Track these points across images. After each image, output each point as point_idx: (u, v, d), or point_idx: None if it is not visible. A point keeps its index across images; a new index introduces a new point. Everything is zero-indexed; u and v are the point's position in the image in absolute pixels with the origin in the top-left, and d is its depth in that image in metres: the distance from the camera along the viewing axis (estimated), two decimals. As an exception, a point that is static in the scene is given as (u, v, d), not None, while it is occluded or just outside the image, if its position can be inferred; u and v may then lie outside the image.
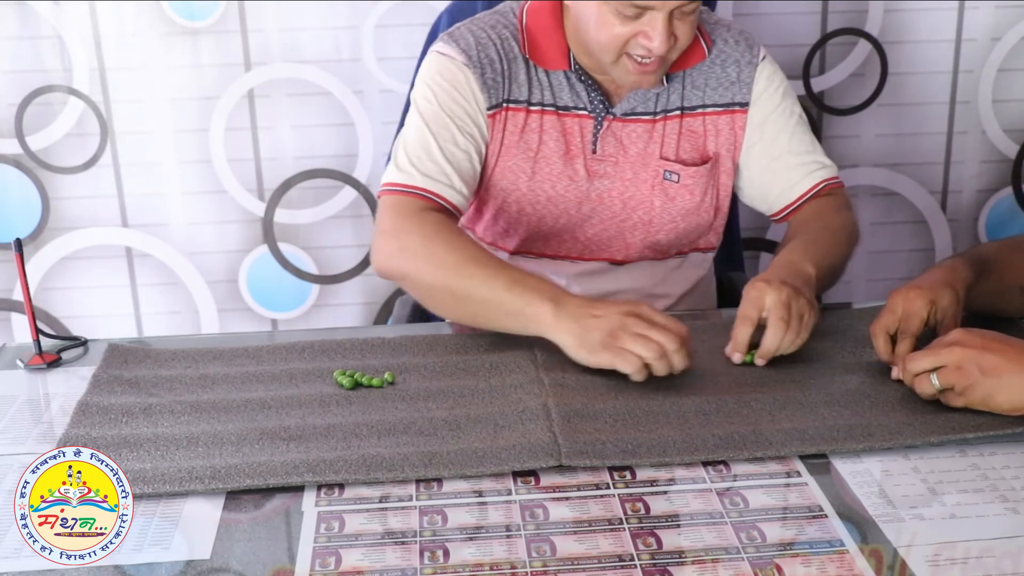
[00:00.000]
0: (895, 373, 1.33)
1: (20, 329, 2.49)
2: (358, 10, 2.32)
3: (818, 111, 2.44)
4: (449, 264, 1.45)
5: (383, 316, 2.52)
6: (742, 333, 1.38)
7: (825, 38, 2.40)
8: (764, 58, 1.66)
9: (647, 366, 1.32)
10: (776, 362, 1.38)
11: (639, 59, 1.51)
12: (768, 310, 1.37)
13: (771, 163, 1.67)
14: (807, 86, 2.42)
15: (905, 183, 2.50)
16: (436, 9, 2.03)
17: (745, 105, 1.65)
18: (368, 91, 2.37)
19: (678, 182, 1.64)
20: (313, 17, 2.32)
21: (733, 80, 1.65)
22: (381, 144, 2.37)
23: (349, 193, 2.44)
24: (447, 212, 1.56)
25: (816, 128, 2.45)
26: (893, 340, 1.35)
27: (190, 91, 2.35)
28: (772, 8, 2.37)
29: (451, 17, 1.86)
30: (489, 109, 1.61)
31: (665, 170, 1.64)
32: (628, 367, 1.32)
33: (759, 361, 1.37)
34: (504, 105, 1.61)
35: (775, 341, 1.36)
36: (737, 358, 1.38)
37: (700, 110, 1.65)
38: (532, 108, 1.62)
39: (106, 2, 2.28)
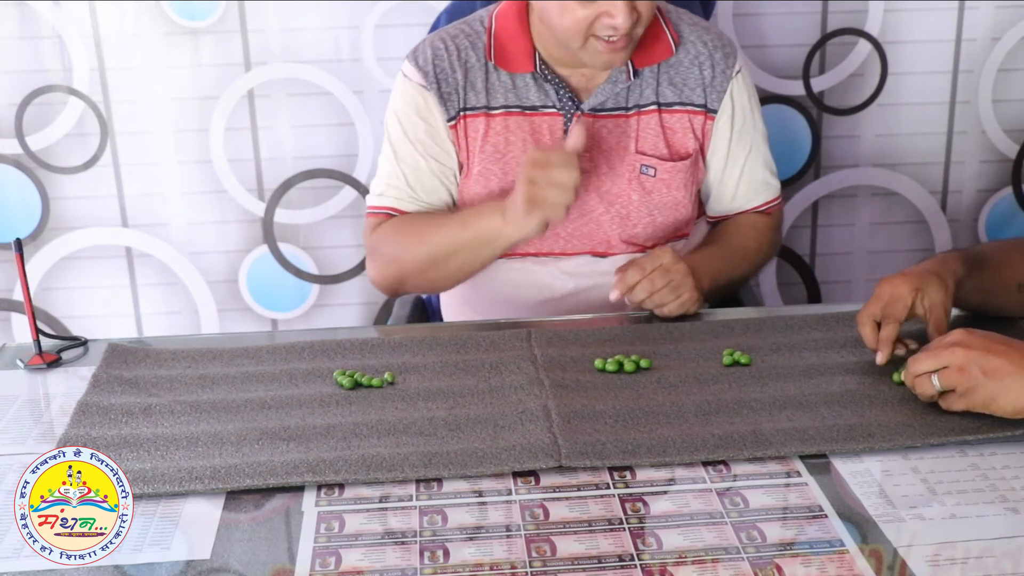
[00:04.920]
0: (879, 359, 1.34)
1: (20, 329, 2.49)
2: (358, 10, 2.32)
3: (818, 111, 2.44)
4: (415, 244, 1.63)
5: (383, 316, 2.52)
6: (631, 276, 1.53)
7: (825, 38, 2.40)
8: (739, 72, 1.68)
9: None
10: (776, 362, 1.38)
11: (607, 38, 1.53)
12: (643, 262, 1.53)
13: (724, 175, 1.72)
14: (807, 86, 2.42)
15: (905, 183, 2.50)
16: (436, 9, 2.03)
17: (713, 112, 1.67)
18: (368, 91, 2.37)
19: (655, 176, 1.66)
20: (313, 17, 2.32)
21: (708, 83, 1.66)
22: (381, 144, 2.36)
23: (349, 193, 2.43)
24: None
25: (816, 128, 2.45)
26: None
27: (190, 91, 2.35)
28: (772, 8, 2.37)
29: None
30: (449, 121, 1.65)
31: (642, 164, 1.65)
32: (553, 216, 1.51)
33: (614, 295, 1.54)
34: (461, 114, 1.64)
35: (644, 293, 1.53)
36: (615, 296, 1.54)
37: (679, 107, 1.66)
38: (493, 112, 1.64)
39: (106, 2, 2.28)
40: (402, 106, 1.67)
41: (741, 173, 1.72)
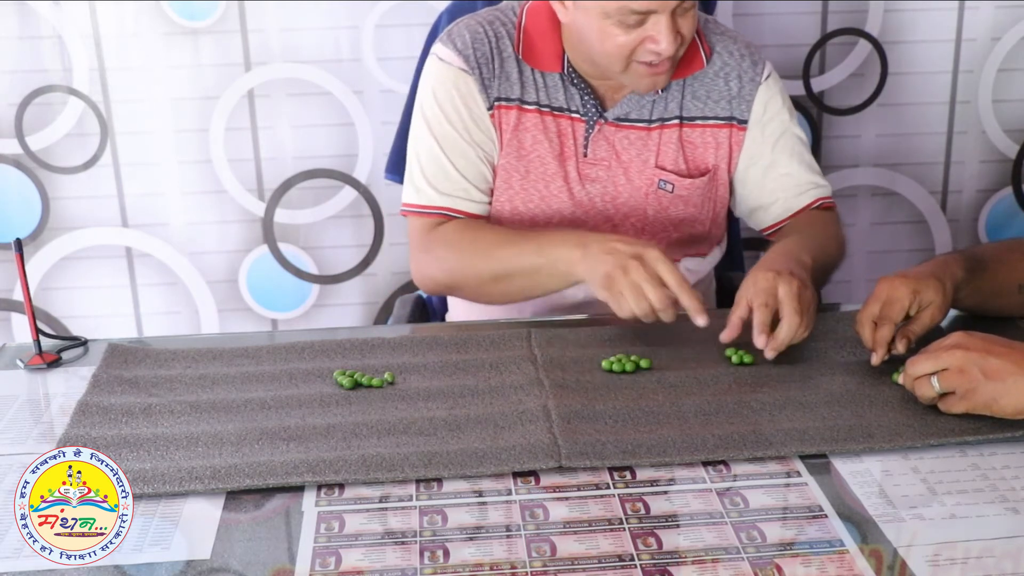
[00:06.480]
0: (874, 360, 1.34)
1: (20, 329, 2.49)
2: (358, 10, 2.32)
3: (818, 111, 2.44)
4: (481, 255, 1.55)
5: (383, 316, 2.52)
6: (764, 318, 1.36)
7: (825, 38, 2.40)
8: (768, 77, 1.65)
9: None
10: (776, 362, 1.38)
11: (649, 62, 1.51)
12: (781, 301, 1.37)
13: (768, 183, 1.67)
14: (807, 86, 2.42)
15: (905, 183, 2.50)
16: (436, 9, 2.03)
17: (744, 122, 1.65)
18: (368, 91, 2.37)
19: (672, 192, 1.64)
20: (313, 17, 2.32)
21: (734, 94, 1.64)
22: (381, 144, 2.37)
23: (349, 193, 2.44)
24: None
25: (816, 128, 2.45)
26: None
27: (190, 91, 2.35)
28: (772, 8, 2.37)
29: (451, 17, 1.86)
30: (488, 109, 1.62)
31: (660, 179, 1.64)
32: (618, 312, 1.41)
33: (770, 354, 1.36)
34: (496, 103, 1.62)
35: (790, 332, 1.36)
36: (761, 341, 1.35)
37: (700, 121, 1.64)
38: (525, 107, 1.62)
39: (106, 2, 2.28)
40: (442, 92, 1.62)
41: (782, 176, 1.66)
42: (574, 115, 1.63)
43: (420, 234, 1.64)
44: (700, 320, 1.38)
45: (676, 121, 1.64)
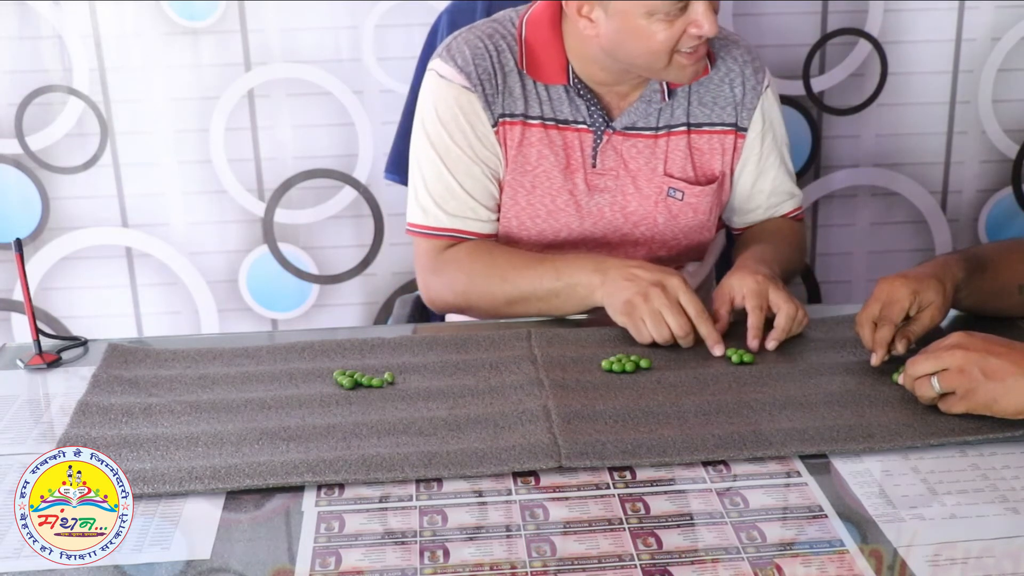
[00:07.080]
0: (874, 360, 1.35)
1: (20, 329, 2.49)
2: (358, 10, 2.32)
3: (818, 111, 2.44)
4: (496, 279, 1.56)
5: (383, 316, 2.52)
6: (758, 321, 1.41)
7: (825, 38, 2.40)
8: (768, 87, 1.67)
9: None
10: (776, 362, 1.38)
11: (689, 50, 1.52)
12: (774, 302, 1.42)
13: (755, 191, 1.71)
14: (807, 86, 2.42)
15: (905, 183, 2.50)
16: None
17: (744, 130, 1.66)
18: (368, 91, 2.37)
19: (682, 200, 1.64)
20: (313, 17, 2.32)
21: (738, 101, 1.65)
22: (381, 144, 2.37)
23: (349, 193, 2.44)
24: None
25: (816, 128, 2.45)
26: None
27: (190, 91, 2.35)
28: (772, 8, 2.37)
29: (451, 17, 1.86)
30: (493, 126, 1.61)
31: (669, 187, 1.64)
32: (638, 338, 1.43)
33: (771, 344, 1.41)
34: (501, 119, 1.61)
35: (788, 320, 1.41)
36: (755, 345, 1.41)
37: (707, 128, 1.65)
38: (530, 122, 1.61)
39: (106, 2, 2.28)
40: (445, 110, 1.60)
41: (769, 185, 1.70)
42: (580, 126, 1.62)
43: (429, 256, 1.63)
44: (717, 350, 1.40)
45: (683, 128, 1.64)
